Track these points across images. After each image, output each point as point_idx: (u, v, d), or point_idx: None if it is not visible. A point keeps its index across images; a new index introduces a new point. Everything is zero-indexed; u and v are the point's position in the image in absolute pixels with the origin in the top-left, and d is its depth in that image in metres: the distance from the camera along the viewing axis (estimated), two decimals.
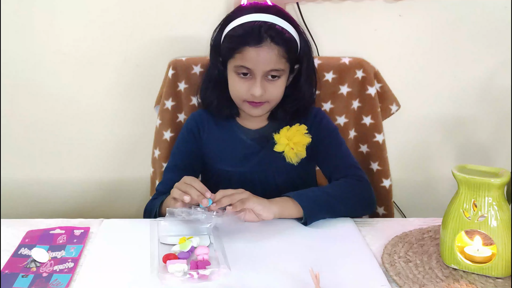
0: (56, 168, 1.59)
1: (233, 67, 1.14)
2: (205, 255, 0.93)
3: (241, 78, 1.13)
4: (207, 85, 1.23)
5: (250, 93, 1.13)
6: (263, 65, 1.10)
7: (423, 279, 0.89)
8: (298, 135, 1.17)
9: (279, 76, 1.14)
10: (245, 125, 1.25)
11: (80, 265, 0.93)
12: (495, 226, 0.88)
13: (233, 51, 1.12)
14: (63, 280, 0.88)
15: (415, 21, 1.47)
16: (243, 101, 1.16)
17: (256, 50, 1.09)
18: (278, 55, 1.10)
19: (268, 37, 1.09)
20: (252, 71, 1.11)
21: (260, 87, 1.12)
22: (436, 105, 1.56)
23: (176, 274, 0.87)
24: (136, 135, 1.57)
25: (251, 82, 1.13)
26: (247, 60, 1.10)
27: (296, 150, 1.16)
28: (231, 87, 1.17)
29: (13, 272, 0.90)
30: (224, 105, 1.21)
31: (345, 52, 1.46)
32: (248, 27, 1.11)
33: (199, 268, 0.89)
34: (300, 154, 1.17)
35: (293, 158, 1.17)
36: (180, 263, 0.89)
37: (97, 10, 1.44)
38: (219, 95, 1.21)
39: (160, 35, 1.46)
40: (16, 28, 1.45)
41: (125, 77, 1.51)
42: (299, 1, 1.42)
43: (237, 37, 1.11)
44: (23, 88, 1.51)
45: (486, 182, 0.87)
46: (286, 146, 1.17)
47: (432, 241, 1.03)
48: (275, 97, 1.16)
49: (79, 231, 1.05)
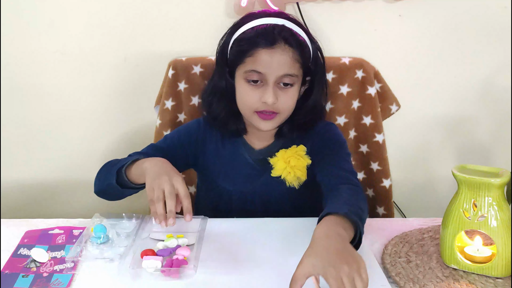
0: (56, 168, 1.59)
1: (243, 73, 1.06)
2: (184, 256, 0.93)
3: (251, 86, 1.05)
4: (212, 98, 1.14)
5: (262, 101, 1.05)
6: (276, 69, 1.03)
7: (423, 279, 0.89)
8: (296, 157, 1.10)
9: (292, 84, 1.06)
10: (251, 143, 1.18)
11: (80, 264, 0.93)
12: (495, 226, 0.88)
13: (244, 55, 1.04)
14: (64, 280, 0.88)
15: (415, 21, 1.47)
16: (253, 113, 1.08)
17: (269, 52, 1.02)
18: (292, 58, 1.04)
19: (281, 39, 1.03)
20: (264, 76, 1.04)
21: (272, 94, 1.03)
22: (436, 105, 1.56)
23: (148, 269, 0.89)
24: (136, 135, 1.57)
25: (263, 89, 1.05)
26: (259, 64, 1.03)
27: (294, 173, 1.10)
28: (240, 96, 1.09)
29: (13, 272, 0.91)
30: (230, 119, 1.13)
31: (345, 52, 1.46)
32: (260, 29, 1.04)
33: (173, 266, 0.89)
34: (299, 178, 1.10)
35: (293, 181, 1.10)
36: (155, 260, 0.90)
37: (97, 10, 1.44)
38: (226, 108, 1.12)
39: (160, 35, 1.46)
40: (16, 28, 1.45)
41: (125, 77, 1.51)
42: (299, 1, 1.42)
43: (247, 39, 1.04)
44: (23, 88, 1.51)
45: (486, 182, 0.87)
46: (284, 171, 1.10)
47: (432, 241, 1.03)
48: (287, 108, 1.08)
49: (78, 231, 1.06)
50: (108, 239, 0.99)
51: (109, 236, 0.99)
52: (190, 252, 0.94)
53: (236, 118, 1.14)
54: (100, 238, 0.98)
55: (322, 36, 1.44)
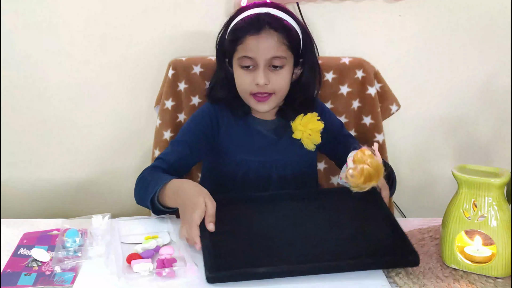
0: (56, 168, 1.59)
1: (237, 60, 1.16)
2: (170, 255, 0.93)
3: (245, 70, 1.15)
4: (213, 86, 1.25)
5: (255, 83, 1.14)
6: (264, 52, 1.12)
7: (423, 279, 0.89)
8: (312, 122, 1.19)
9: (282, 66, 1.15)
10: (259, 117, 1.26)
11: (81, 264, 0.93)
12: (495, 226, 0.88)
13: (235, 43, 1.14)
14: (68, 278, 0.89)
15: (415, 21, 1.47)
16: (249, 96, 1.17)
17: (256, 38, 1.12)
18: (278, 41, 1.12)
19: (266, 24, 1.12)
20: (254, 60, 1.13)
21: (263, 76, 1.13)
22: (436, 105, 1.56)
23: (142, 273, 0.88)
24: (136, 135, 1.57)
25: (255, 73, 1.14)
26: (248, 50, 1.13)
27: (313, 136, 1.19)
28: (237, 82, 1.19)
29: (15, 271, 0.90)
30: (235, 102, 1.22)
31: (345, 52, 1.46)
32: (248, 19, 1.15)
33: (166, 266, 0.89)
34: (315, 141, 1.20)
35: (309, 144, 1.20)
36: (145, 262, 0.89)
37: (97, 10, 1.44)
38: (227, 94, 1.22)
39: (160, 35, 1.46)
40: (16, 28, 1.45)
41: (125, 77, 1.51)
42: (299, 1, 1.42)
43: (238, 29, 1.15)
44: (23, 88, 1.51)
45: (486, 182, 0.87)
46: (303, 133, 1.19)
47: (432, 241, 1.03)
48: (280, 87, 1.17)
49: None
50: (83, 243, 0.97)
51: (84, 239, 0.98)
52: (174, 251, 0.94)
53: (239, 101, 1.22)
54: (75, 242, 0.97)
55: (322, 36, 1.46)
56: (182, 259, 0.92)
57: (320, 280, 0.87)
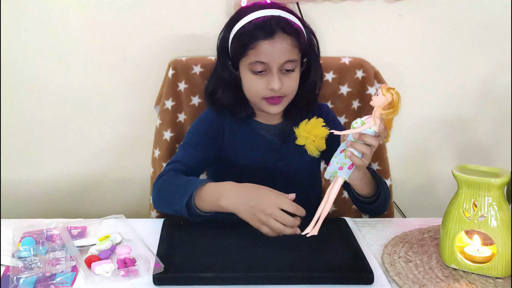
0: (56, 168, 1.59)
1: (248, 65, 1.13)
2: (128, 253, 0.93)
3: (257, 75, 1.13)
4: (217, 88, 1.21)
5: (269, 88, 1.12)
6: (278, 57, 1.10)
7: (423, 279, 0.89)
8: (316, 128, 1.17)
9: (293, 69, 1.14)
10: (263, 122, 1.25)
11: (82, 263, 0.93)
12: (495, 226, 0.88)
13: (246, 48, 1.11)
14: (68, 279, 0.89)
15: (415, 21, 1.47)
16: (261, 100, 1.16)
17: (270, 43, 1.10)
18: (291, 45, 1.11)
19: (279, 29, 1.10)
20: (268, 65, 1.11)
21: (278, 80, 1.11)
22: (436, 105, 1.56)
23: (104, 274, 0.87)
24: (136, 135, 1.57)
25: (268, 77, 1.12)
26: (261, 55, 1.10)
27: (317, 142, 1.16)
28: (247, 86, 1.16)
29: (15, 274, 0.90)
30: (239, 106, 1.20)
31: (345, 52, 1.46)
32: (259, 22, 1.11)
33: (128, 265, 0.89)
34: (319, 147, 1.17)
35: (313, 151, 1.17)
36: (106, 263, 0.89)
37: (97, 10, 1.44)
38: (232, 96, 1.20)
39: (160, 35, 1.46)
40: (16, 28, 1.45)
41: (125, 77, 1.51)
42: (299, 1, 1.42)
43: (248, 33, 1.11)
44: (23, 88, 1.51)
45: (486, 182, 0.87)
46: (307, 140, 1.17)
47: (432, 241, 1.03)
48: (292, 90, 1.16)
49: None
50: (39, 251, 0.97)
51: (40, 247, 0.98)
52: (132, 249, 0.94)
53: (244, 104, 1.21)
54: (30, 251, 0.96)
55: (322, 36, 1.45)
56: (142, 257, 0.92)
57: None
